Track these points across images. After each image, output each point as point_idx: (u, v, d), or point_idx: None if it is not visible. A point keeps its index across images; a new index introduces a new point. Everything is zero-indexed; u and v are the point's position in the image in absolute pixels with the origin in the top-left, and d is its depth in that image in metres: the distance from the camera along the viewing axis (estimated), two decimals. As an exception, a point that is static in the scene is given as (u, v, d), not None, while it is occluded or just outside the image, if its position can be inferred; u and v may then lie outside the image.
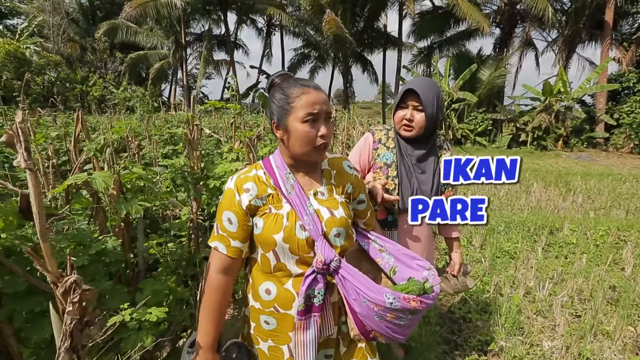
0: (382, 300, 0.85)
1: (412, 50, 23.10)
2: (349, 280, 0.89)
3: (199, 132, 1.95)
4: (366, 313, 0.89)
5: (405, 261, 1.00)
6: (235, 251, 0.92)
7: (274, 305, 0.94)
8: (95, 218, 1.42)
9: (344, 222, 0.93)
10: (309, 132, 0.86)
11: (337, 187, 0.98)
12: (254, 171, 0.95)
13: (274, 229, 0.88)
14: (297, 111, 0.86)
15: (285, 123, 0.88)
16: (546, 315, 2.38)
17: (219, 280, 0.93)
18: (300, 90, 0.87)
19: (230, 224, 0.90)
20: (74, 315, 0.80)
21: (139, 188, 1.56)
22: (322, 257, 0.87)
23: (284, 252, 0.89)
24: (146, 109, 9.04)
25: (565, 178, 7.74)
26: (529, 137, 14.24)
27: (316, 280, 0.89)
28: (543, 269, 3.08)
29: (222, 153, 2.45)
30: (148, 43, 21.19)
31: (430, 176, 1.33)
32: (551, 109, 13.82)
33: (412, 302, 0.85)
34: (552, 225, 4.08)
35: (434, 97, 1.27)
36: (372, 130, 1.45)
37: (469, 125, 14.92)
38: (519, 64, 18.94)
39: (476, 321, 2.29)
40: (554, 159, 12.12)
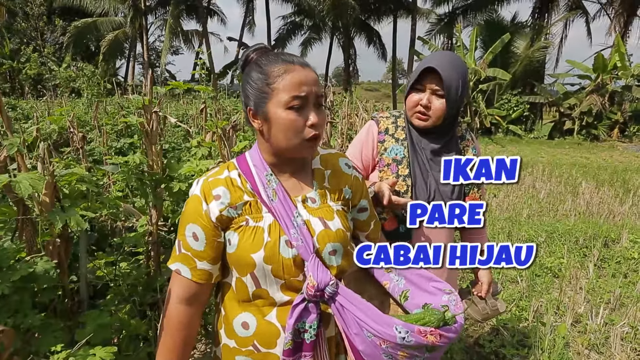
0: (392, 335, 0.82)
1: (429, 17, 23.21)
2: (349, 309, 0.86)
3: (160, 121, 1.92)
4: (371, 351, 0.86)
5: (419, 283, 0.98)
6: (202, 275, 0.89)
7: (253, 342, 0.91)
8: (20, 233, 1.37)
9: (340, 236, 0.91)
10: (294, 121, 0.83)
11: (332, 191, 0.96)
12: (225, 172, 0.92)
13: (252, 247, 0.86)
14: (279, 94, 0.83)
15: (264, 110, 0.85)
16: (602, 350, 2.37)
17: (182, 313, 0.90)
18: (283, 68, 0.84)
19: (195, 240, 0.88)
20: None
21: (81, 193, 1.52)
22: (314, 280, 0.84)
23: (265, 275, 0.87)
24: (96, 92, 8.96)
25: (623, 175, 7.79)
26: (576, 125, 14.36)
27: (307, 311, 0.86)
28: (596, 290, 3.07)
29: (191, 147, 2.42)
30: (97, 8, 21.10)
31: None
32: (604, 90, 13.93)
33: (430, 336, 0.82)
34: (607, 236, 4.09)
35: (459, 78, 1.23)
36: (377, 117, 1.41)
37: (501, 111, 15.01)
38: (563, 34, 19.08)
39: (511, 357, 2.28)
40: (607, 151, 12.21)
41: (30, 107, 6.70)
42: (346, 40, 22.88)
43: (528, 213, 5.10)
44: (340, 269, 0.92)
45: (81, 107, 7.52)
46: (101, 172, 2.55)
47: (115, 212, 1.84)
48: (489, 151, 11.78)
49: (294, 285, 0.88)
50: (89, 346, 1.27)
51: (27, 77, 16.23)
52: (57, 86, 13.65)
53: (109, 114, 5.70)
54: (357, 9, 19.78)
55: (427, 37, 20.11)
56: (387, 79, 74.22)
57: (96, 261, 1.75)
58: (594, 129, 14.09)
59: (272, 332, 0.90)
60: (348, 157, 1.05)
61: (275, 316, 0.90)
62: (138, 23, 21.29)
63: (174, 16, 20.69)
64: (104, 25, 21.20)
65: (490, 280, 1.46)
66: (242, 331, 0.92)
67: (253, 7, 26.57)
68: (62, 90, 12.97)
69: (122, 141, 4.24)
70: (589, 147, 12.98)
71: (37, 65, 16.32)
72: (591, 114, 14.06)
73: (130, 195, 2.69)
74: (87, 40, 22.09)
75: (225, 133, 1.72)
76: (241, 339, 0.92)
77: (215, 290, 1.00)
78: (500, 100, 15.47)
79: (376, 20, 24.73)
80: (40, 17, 19.84)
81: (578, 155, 11.19)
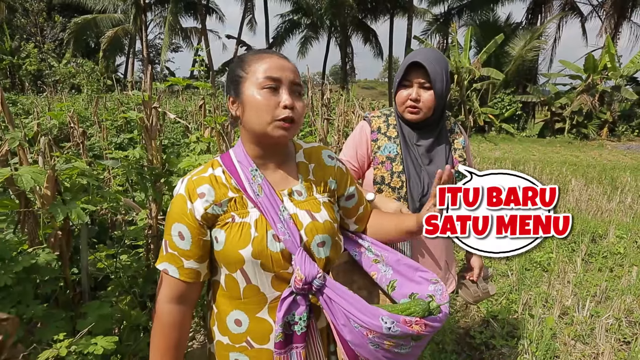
0: (378, 325, 0.82)
1: (425, 17, 23.15)
2: (336, 301, 0.86)
3: (159, 116, 1.91)
4: (359, 341, 0.87)
5: (406, 273, 0.98)
6: (190, 274, 0.88)
7: (246, 338, 0.91)
8: (22, 225, 1.37)
9: (328, 228, 0.91)
10: (267, 99, 0.84)
11: (318, 183, 0.96)
12: (209, 170, 0.92)
13: (239, 243, 0.85)
14: (253, 76, 0.85)
15: (240, 92, 0.87)
16: (587, 341, 2.41)
17: (172, 313, 0.89)
18: (259, 56, 0.87)
19: (181, 239, 0.87)
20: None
21: (82, 187, 1.52)
22: (301, 274, 0.84)
23: (254, 270, 0.86)
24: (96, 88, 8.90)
25: (611, 173, 7.85)
26: (567, 124, 14.43)
27: (296, 303, 0.86)
28: (583, 284, 3.11)
29: (189, 143, 2.42)
30: (97, 5, 20.86)
31: (442, 167, 1.32)
32: (594, 90, 13.99)
33: (415, 325, 0.83)
34: (595, 231, 4.14)
35: (442, 70, 1.27)
36: (368, 117, 1.43)
37: (494, 110, 15.05)
38: (557, 34, 19.10)
39: (501, 348, 2.31)
40: (597, 150, 12.30)
41: (30, 103, 6.64)
42: (343, 39, 22.80)
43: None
44: (328, 261, 0.92)
45: (81, 102, 7.47)
46: (101, 167, 2.55)
47: (116, 205, 1.84)
48: (482, 149, 11.83)
49: (284, 278, 0.88)
50: (91, 336, 1.28)
51: (27, 73, 16.05)
52: (57, 82, 13.53)
53: (109, 109, 5.67)
54: (354, 7, 19.72)
55: (423, 36, 20.08)
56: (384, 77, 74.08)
57: (97, 253, 1.75)
58: (584, 128, 14.17)
59: (264, 328, 0.90)
60: (329, 149, 1.05)
61: (267, 312, 0.90)
62: (138, 20, 21.08)
63: (173, 13, 20.50)
64: (103, 22, 20.99)
65: (481, 264, 1.49)
66: (235, 328, 0.92)
67: (252, 5, 26.38)
68: (62, 86, 12.87)
69: (122, 136, 4.23)
70: (579, 146, 13.06)
71: (37, 61, 16.15)
72: (581, 114, 14.13)
73: (130, 189, 2.68)
74: (86, 36, 21.87)
75: (224, 129, 1.72)
76: (234, 336, 0.92)
77: (207, 288, 1.00)
78: (493, 99, 15.52)
79: (373, 19, 24.65)
80: (39, 13, 19.61)
81: (568, 154, 11.27)
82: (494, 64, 15.53)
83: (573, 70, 14.98)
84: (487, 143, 13.33)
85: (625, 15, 17.01)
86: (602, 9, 17.72)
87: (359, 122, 1.48)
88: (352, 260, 1.04)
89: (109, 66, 20.89)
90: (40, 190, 1.35)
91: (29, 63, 16.09)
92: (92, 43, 22.92)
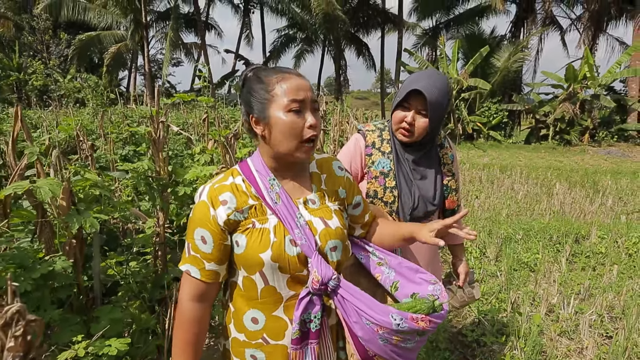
0: (388, 322, 0.87)
1: (414, 30, 23.47)
2: (349, 300, 0.91)
3: (165, 129, 1.96)
4: (369, 337, 0.91)
5: (407, 275, 1.03)
6: (210, 275, 0.91)
7: (262, 336, 0.93)
8: (40, 234, 1.40)
9: (339, 234, 0.95)
10: (294, 122, 0.86)
11: (329, 193, 1.00)
12: (230, 179, 0.94)
13: (260, 247, 0.87)
14: (279, 99, 0.87)
15: (266, 115, 0.88)
16: (572, 336, 2.45)
17: (194, 310, 0.92)
18: (280, 76, 0.88)
19: (204, 243, 0.90)
20: (16, 352, 0.80)
21: (94, 198, 1.55)
22: (318, 276, 0.88)
23: (273, 272, 0.90)
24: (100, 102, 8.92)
25: (593, 177, 7.96)
26: (551, 131, 14.60)
27: (312, 303, 0.90)
28: (568, 283, 3.16)
29: (193, 154, 2.46)
30: (101, 22, 20.92)
31: (431, 181, 1.35)
32: (575, 98, 14.21)
33: (421, 322, 0.88)
34: (578, 232, 4.20)
35: (443, 100, 1.25)
36: (363, 131, 1.43)
37: (482, 118, 15.22)
38: (539, 47, 19.43)
39: (491, 345, 2.34)
40: (579, 155, 12.45)
41: (38, 117, 6.65)
42: (337, 52, 23.01)
43: (507, 212, 5.20)
44: (339, 264, 0.96)
45: (86, 116, 7.49)
46: (109, 178, 2.58)
47: (126, 215, 1.88)
48: (471, 155, 11.94)
49: (299, 279, 0.91)
50: (103, 339, 1.30)
51: (33, 88, 16.05)
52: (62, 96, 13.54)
53: (114, 123, 5.69)
54: (347, 22, 19.94)
55: (413, 49, 20.33)
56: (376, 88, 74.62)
57: (108, 261, 1.78)
58: (567, 135, 14.34)
59: (280, 325, 0.92)
60: (340, 161, 1.09)
61: (283, 311, 0.92)
62: (139, 36, 21.17)
63: (174, 29, 20.61)
64: (107, 39, 21.05)
65: (466, 270, 1.52)
66: (251, 325, 0.94)
67: (249, 21, 26.61)
68: (67, 100, 12.87)
69: (127, 148, 4.25)
70: (563, 152, 13.21)
71: (43, 76, 16.16)
72: (564, 121, 14.32)
73: (137, 199, 2.71)
74: (90, 52, 21.90)
75: (228, 141, 1.77)
76: (251, 333, 0.94)
77: (223, 289, 1.02)
78: (481, 107, 15.69)
79: (365, 33, 24.94)
80: (46, 31, 19.65)
81: (553, 159, 11.40)
82: (481, 74, 15.73)
83: (555, 80, 15.21)
84: (476, 150, 13.46)
85: (602, 28, 17.36)
86: (579, 22, 18.07)
87: (354, 133, 1.50)
88: (357, 263, 1.08)
89: (112, 80, 20.92)
90: (56, 201, 1.38)
91: (35, 79, 16.10)
92: (96, 59, 22.96)
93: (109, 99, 10.20)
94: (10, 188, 1.21)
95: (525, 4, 18.19)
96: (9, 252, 1.24)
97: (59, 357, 1.07)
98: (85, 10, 20.16)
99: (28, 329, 0.78)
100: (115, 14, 20.88)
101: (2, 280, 1.16)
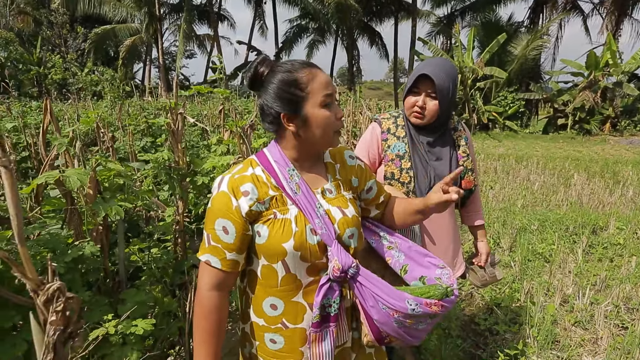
0: (404, 307, 0.91)
1: (429, 18, 22.99)
2: (367, 286, 0.95)
3: (182, 121, 2.01)
4: (385, 320, 0.95)
5: (416, 259, 1.06)
6: (231, 264, 0.92)
7: (281, 320, 0.96)
8: (69, 221, 1.48)
9: (355, 221, 0.98)
10: (330, 117, 0.91)
11: (343, 182, 1.03)
12: (250, 169, 0.95)
13: (282, 237, 0.89)
14: (315, 96, 0.90)
15: (303, 112, 0.90)
16: (586, 326, 2.44)
17: (214, 298, 0.93)
18: (309, 71, 0.90)
19: (226, 233, 0.90)
20: (57, 326, 0.87)
21: (118, 187, 1.62)
22: (339, 264, 0.91)
23: (294, 261, 0.92)
24: (117, 95, 9.11)
25: (614, 168, 7.75)
26: (570, 120, 14.22)
27: (332, 289, 0.93)
28: (583, 274, 3.13)
29: (210, 145, 2.52)
30: (116, 15, 21.22)
31: (447, 162, 1.41)
32: (597, 86, 13.75)
33: (434, 306, 0.93)
34: (596, 223, 4.13)
35: (450, 82, 1.33)
36: (379, 119, 1.51)
37: (498, 107, 14.91)
38: (559, 33, 18.78)
39: (504, 333, 2.36)
40: (599, 145, 12.10)
41: (59, 110, 6.84)
42: (350, 42, 22.76)
43: (522, 203, 5.14)
44: (356, 250, 0.99)
45: (104, 109, 7.67)
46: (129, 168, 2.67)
47: (147, 203, 1.95)
48: (486, 146, 11.75)
49: (317, 267, 0.95)
50: (130, 319, 1.38)
51: (52, 82, 16.45)
52: (81, 90, 13.85)
53: (131, 115, 5.82)
54: (360, 11, 19.66)
55: (427, 37, 19.95)
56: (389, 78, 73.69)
57: (130, 247, 1.86)
58: (587, 124, 13.94)
59: (298, 309, 0.96)
60: (351, 150, 1.12)
61: (302, 296, 0.95)
62: (153, 29, 21.38)
63: (187, 21, 20.73)
64: (122, 32, 21.34)
65: (487, 251, 1.58)
66: (270, 311, 0.96)
67: (262, 12, 26.48)
68: (85, 93, 13.17)
69: (145, 140, 4.36)
70: (582, 141, 12.86)
71: (62, 70, 16.54)
72: (584, 110, 13.90)
73: (154, 188, 2.80)
74: (106, 46, 22.28)
75: (244, 132, 1.81)
76: (270, 318, 0.97)
77: (241, 276, 1.04)
78: (497, 97, 15.36)
79: (378, 22, 24.58)
80: (63, 25, 20.03)
81: (571, 149, 11.12)
82: (497, 62, 15.36)
83: (575, 68, 14.73)
84: (491, 140, 13.23)
85: (626, 12, 16.65)
86: (602, 7, 17.37)
87: (369, 124, 1.56)
88: (368, 247, 1.12)
89: (127, 73, 21.26)
90: (83, 190, 1.46)
91: (54, 72, 16.49)
92: (112, 52, 23.32)
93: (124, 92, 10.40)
94: (43, 177, 1.28)
95: (545, -12, 17.57)
96: (42, 237, 1.32)
97: (92, 334, 1.14)
98: (101, 3, 20.46)
99: (67, 305, 0.85)
100: (130, 7, 21.11)
101: (37, 263, 1.24)
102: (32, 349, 1.25)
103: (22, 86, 16.52)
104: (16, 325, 1.24)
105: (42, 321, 0.88)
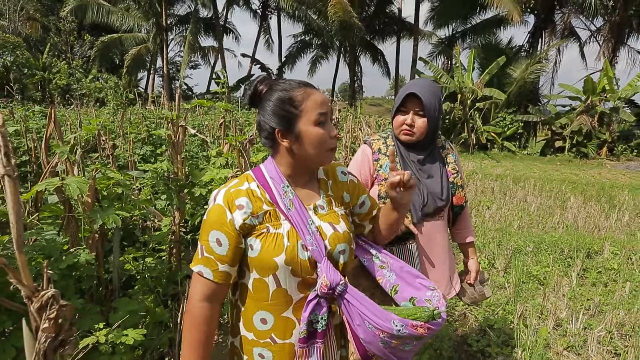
0: (389, 327, 0.92)
1: (430, 39, 23.47)
2: (354, 305, 0.96)
3: (183, 133, 2.05)
4: (370, 339, 0.96)
5: (407, 279, 1.08)
6: (223, 276, 0.94)
7: (270, 335, 0.97)
8: (66, 228, 1.50)
9: (346, 237, 1.00)
10: (323, 135, 0.94)
11: (336, 198, 1.06)
12: (245, 184, 0.97)
13: (274, 251, 0.91)
14: (308, 114, 0.93)
15: (297, 129, 0.93)
16: (579, 351, 2.43)
17: (205, 309, 0.94)
18: (304, 91, 0.94)
19: (219, 245, 0.92)
20: (49, 333, 0.88)
21: (116, 195, 1.64)
22: (327, 281, 0.93)
23: (285, 275, 0.93)
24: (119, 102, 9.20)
25: (610, 192, 7.80)
26: (567, 143, 14.36)
27: (319, 305, 0.95)
28: (577, 298, 3.13)
29: (209, 157, 2.55)
30: (123, 25, 21.57)
31: (438, 179, 1.45)
32: (594, 111, 13.96)
33: (420, 329, 0.93)
34: (590, 247, 4.14)
35: (436, 101, 1.40)
36: (369, 141, 1.55)
37: (496, 128, 15.07)
38: (557, 58, 19.18)
39: (496, 356, 2.34)
40: (596, 168, 12.21)
41: (61, 115, 6.89)
42: (352, 59, 23.14)
43: (518, 224, 5.16)
44: (345, 266, 1.01)
45: (107, 116, 7.73)
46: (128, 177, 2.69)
47: (145, 212, 1.97)
48: (484, 166, 11.83)
49: (308, 282, 0.96)
50: (121, 328, 1.38)
51: (56, 87, 16.62)
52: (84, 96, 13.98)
53: (133, 123, 5.87)
54: (363, 29, 20.06)
55: (428, 57, 20.31)
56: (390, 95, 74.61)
57: (125, 255, 1.87)
58: (584, 148, 14.09)
59: (288, 325, 0.97)
60: (343, 166, 1.15)
61: (291, 312, 0.96)
62: (159, 39, 21.73)
63: (193, 33, 21.09)
64: (128, 41, 21.69)
65: (477, 269, 1.60)
66: (260, 325, 0.97)
67: (268, 26, 26.98)
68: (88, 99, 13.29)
69: (145, 148, 4.39)
70: (579, 165, 12.97)
71: (66, 76, 16.73)
72: (581, 133, 14.07)
73: (152, 198, 2.82)
74: (112, 54, 22.59)
75: (243, 146, 1.85)
76: (259, 332, 0.98)
77: (232, 289, 1.05)
78: (496, 118, 15.55)
79: (380, 41, 25.06)
80: (71, 32, 20.38)
81: (568, 172, 11.20)
82: (496, 84, 15.62)
83: (573, 92, 14.98)
84: (490, 160, 13.33)
85: (623, 40, 17.06)
86: (599, 34, 17.79)
87: (360, 145, 1.60)
88: (360, 265, 1.13)
89: (131, 81, 21.51)
90: (82, 197, 1.48)
91: (59, 78, 16.68)
92: (117, 60, 23.63)
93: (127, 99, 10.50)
94: (43, 184, 1.30)
95: (544, 14, 18.00)
96: (39, 243, 1.33)
97: (82, 342, 1.15)
98: (109, 13, 20.82)
99: (60, 313, 0.86)
100: (137, 17, 21.49)
101: (32, 269, 1.25)
102: (21, 355, 1.25)
103: (26, 90, 16.65)
104: (5, 330, 1.24)
105: (34, 328, 0.89)
